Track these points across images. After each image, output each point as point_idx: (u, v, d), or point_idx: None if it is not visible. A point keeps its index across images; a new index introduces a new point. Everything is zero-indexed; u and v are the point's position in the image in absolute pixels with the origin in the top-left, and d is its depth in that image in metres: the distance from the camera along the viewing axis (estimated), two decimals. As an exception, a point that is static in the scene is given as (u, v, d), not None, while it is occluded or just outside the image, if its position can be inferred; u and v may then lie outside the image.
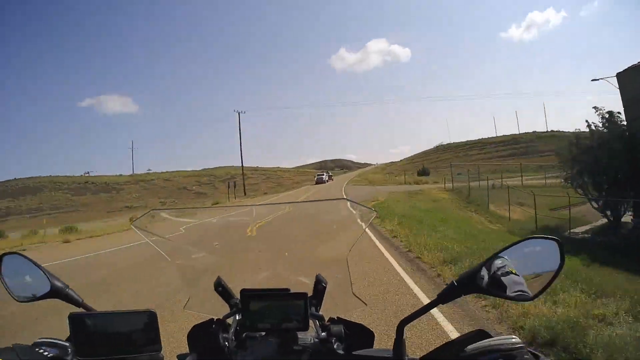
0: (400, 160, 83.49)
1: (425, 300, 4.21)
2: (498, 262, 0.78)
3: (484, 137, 69.46)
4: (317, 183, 46.51)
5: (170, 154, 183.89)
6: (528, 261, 0.78)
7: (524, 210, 16.81)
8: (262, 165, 74.60)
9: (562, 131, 50.73)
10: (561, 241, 0.76)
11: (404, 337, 0.80)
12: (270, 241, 1.49)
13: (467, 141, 69.51)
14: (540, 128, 67.36)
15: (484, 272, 0.76)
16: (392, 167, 74.15)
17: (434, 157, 66.61)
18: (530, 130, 64.20)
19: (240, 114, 46.56)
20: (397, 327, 0.80)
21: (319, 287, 0.95)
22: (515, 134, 65.03)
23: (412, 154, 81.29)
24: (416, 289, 4.66)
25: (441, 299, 0.79)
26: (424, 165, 58.55)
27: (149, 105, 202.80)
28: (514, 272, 0.76)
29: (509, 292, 0.76)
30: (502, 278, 0.76)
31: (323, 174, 52.86)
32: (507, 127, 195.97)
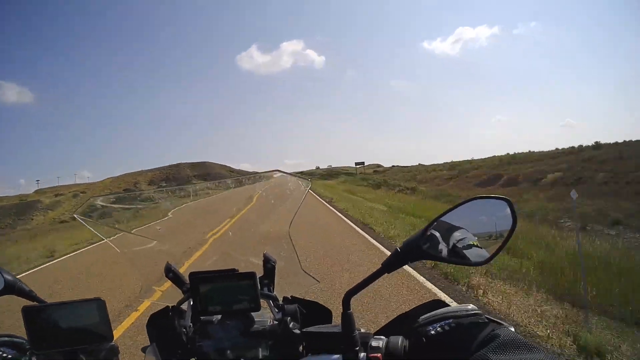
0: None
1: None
2: (443, 226, 0.73)
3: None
4: None
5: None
6: (476, 223, 0.74)
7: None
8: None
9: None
10: (511, 200, 0.72)
11: (351, 310, 0.76)
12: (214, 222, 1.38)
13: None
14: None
15: (427, 237, 0.72)
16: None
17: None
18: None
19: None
20: (343, 299, 0.76)
21: (268, 265, 0.94)
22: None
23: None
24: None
25: (386, 268, 0.74)
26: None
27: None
28: (458, 235, 0.73)
29: (456, 256, 0.71)
30: (448, 242, 0.71)
31: None
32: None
